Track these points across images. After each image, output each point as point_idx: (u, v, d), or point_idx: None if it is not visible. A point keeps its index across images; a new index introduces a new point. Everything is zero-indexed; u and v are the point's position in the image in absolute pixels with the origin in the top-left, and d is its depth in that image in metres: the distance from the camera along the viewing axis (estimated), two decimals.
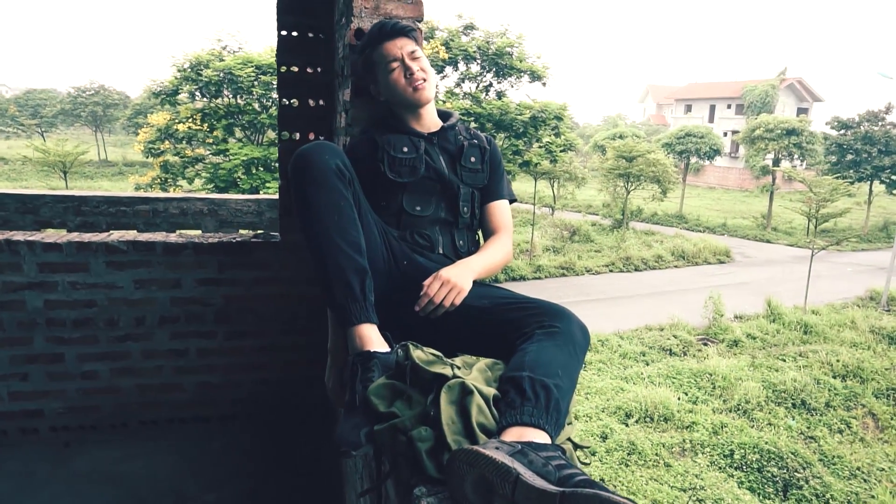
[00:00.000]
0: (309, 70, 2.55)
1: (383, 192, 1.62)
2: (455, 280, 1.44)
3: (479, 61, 18.33)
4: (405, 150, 1.63)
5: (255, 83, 15.27)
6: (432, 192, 1.64)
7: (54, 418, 2.50)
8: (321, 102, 2.57)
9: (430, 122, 1.71)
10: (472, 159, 1.71)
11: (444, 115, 1.77)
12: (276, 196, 3.34)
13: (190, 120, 15.71)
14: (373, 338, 1.31)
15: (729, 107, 44.86)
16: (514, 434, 1.03)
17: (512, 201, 1.81)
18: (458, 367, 1.18)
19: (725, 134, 43.23)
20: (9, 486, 2.17)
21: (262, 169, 15.25)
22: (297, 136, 2.60)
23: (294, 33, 2.51)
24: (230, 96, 16.05)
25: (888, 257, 18.62)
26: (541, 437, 1.04)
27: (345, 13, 1.95)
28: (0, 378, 2.43)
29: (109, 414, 2.54)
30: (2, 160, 36.17)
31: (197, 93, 16.21)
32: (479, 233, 1.77)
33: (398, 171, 1.61)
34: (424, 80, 1.64)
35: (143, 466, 2.32)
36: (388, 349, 1.30)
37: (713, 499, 7.63)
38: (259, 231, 3.21)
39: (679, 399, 10.03)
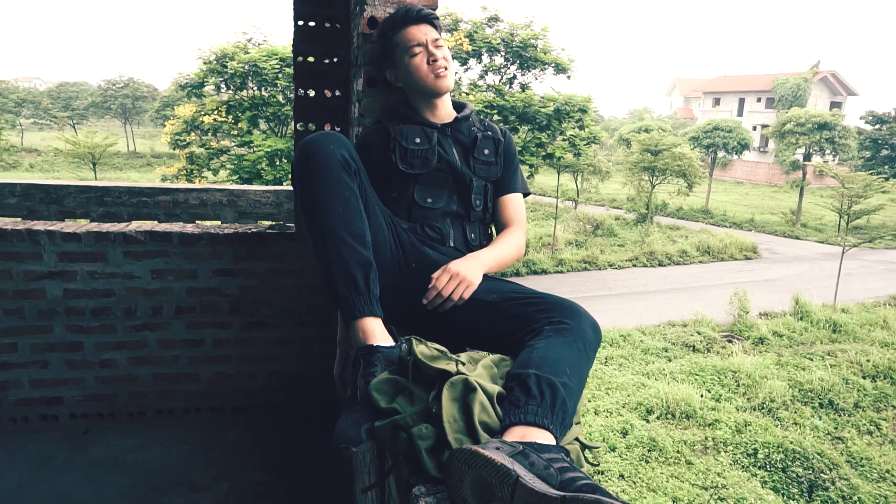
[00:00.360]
0: (325, 60, 2.53)
1: (394, 184, 1.60)
2: (464, 273, 1.41)
3: (503, 53, 18.21)
4: (417, 140, 1.60)
5: (280, 75, 15.37)
6: (444, 184, 1.61)
7: (73, 405, 2.54)
8: (337, 93, 2.55)
9: (444, 112, 1.67)
10: (486, 151, 1.67)
11: (458, 106, 1.73)
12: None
13: (215, 112, 15.90)
14: (376, 331, 1.28)
15: (759, 100, 43.92)
16: (518, 434, 1.00)
17: (526, 195, 1.77)
18: (463, 363, 1.16)
19: (755, 128, 42.37)
20: (28, 471, 2.21)
21: (285, 161, 15.36)
22: (314, 126, 2.58)
23: (311, 23, 2.49)
24: (255, 88, 16.20)
25: None
26: (545, 437, 1.01)
27: (359, 2, 1.92)
28: (21, 365, 2.47)
29: (126, 402, 2.57)
30: (35, 151, 37.05)
31: (222, 85, 16.38)
32: (492, 226, 1.74)
33: (410, 163, 1.58)
34: (446, 69, 1.61)
35: (158, 455, 2.34)
36: (392, 343, 1.28)
37: (735, 498, 7.52)
38: (275, 222, 3.21)
39: (702, 396, 9.89)
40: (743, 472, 8.07)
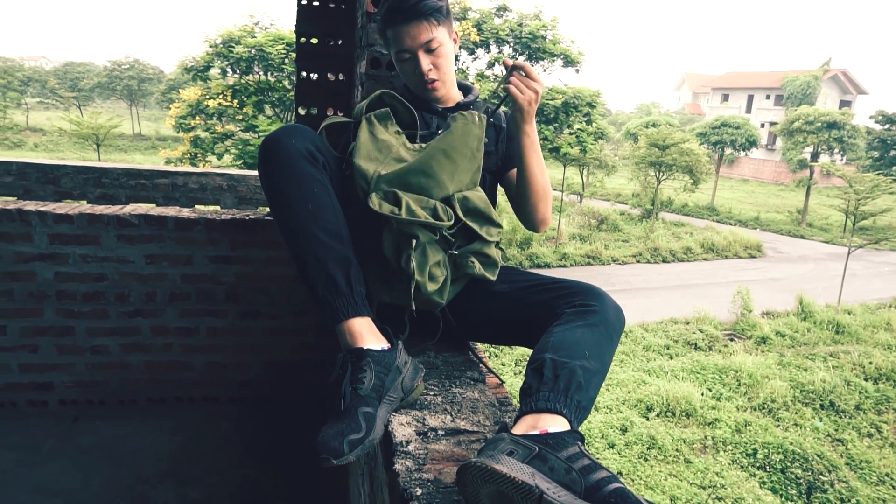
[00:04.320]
0: (329, 42, 2.44)
1: None
2: (539, 88, 1.43)
3: (511, 44, 18.02)
4: None
5: (286, 60, 15.24)
6: None
7: (63, 391, 2.47)
8: (341, 76, 2.46)
9: (448, 96, 1.58)
10: (486, 141, 1.58)
11: (465, 88, 1.64)
12: None
13: (220, 96, 15.78)
14: (364, 333, 1.18)
15: (768, 97, 43.56)
16: (528, 423, 0.95)
17: None
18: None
19: (763, 125, 42.04)
20: (14, 457, 2.15)
21: None
22: (315, 111, 2.50)
23: (314, 3, 2.40)
24: (261, 73, 16.07)
25: None
26: (557, 422, 0.95)
27: None
28: (10, 349, 2.40)
29: (117, 389, 2.50)
30: (40, 131, 36.97)
31: (228, 69, 16.25)
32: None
33: None
34: (435, 81, 1.46)
35: (148, 445, 2.29)
36: (384, 345, 1.18)
37: (733, 498, 7.47)
38: None
39: (702, 395, 9.83)
40: (742, 472, 8.02)
